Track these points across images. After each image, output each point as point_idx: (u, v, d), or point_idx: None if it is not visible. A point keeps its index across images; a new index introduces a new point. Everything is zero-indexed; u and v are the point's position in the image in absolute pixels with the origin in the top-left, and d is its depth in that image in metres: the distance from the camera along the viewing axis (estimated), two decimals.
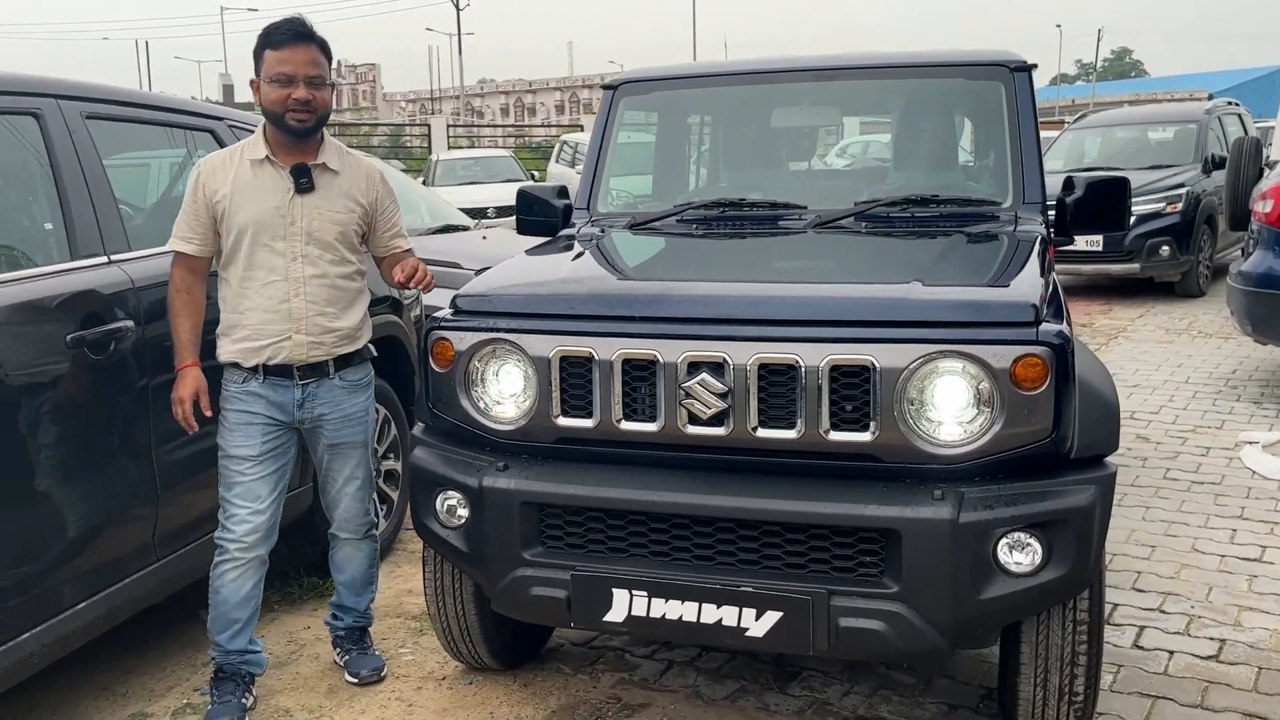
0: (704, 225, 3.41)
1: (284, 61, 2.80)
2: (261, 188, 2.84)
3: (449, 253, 5.94)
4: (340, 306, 2.94)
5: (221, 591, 2.91)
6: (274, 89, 2.80)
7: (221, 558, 2.90)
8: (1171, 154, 10.81)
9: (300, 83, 2.79)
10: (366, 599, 3.24)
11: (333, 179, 2.92)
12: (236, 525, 2.88)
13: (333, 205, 2.91)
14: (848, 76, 3.68)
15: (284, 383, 2.89)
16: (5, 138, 2.86)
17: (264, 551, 2.94)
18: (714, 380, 2.39)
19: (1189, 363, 7.33)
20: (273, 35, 2.82)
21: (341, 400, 2.99)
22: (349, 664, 3.19)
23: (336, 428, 2.99)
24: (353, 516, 3.13)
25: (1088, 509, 2.31)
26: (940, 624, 2.30)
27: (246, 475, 2.88)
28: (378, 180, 3.04)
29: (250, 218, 2.82)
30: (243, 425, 2.88)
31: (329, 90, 2.88)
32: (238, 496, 2.88)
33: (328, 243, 2.90)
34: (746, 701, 3.00)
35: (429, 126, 27.67)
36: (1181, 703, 2.92)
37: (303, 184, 2.85)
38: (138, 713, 3.02)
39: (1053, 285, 2.77)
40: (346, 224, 2.93)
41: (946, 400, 2.33)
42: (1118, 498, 4.55)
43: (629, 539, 2.50)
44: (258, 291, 2.84)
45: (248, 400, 2.88)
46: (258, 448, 2.88)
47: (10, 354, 2.57)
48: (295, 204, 2.85)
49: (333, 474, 3.07)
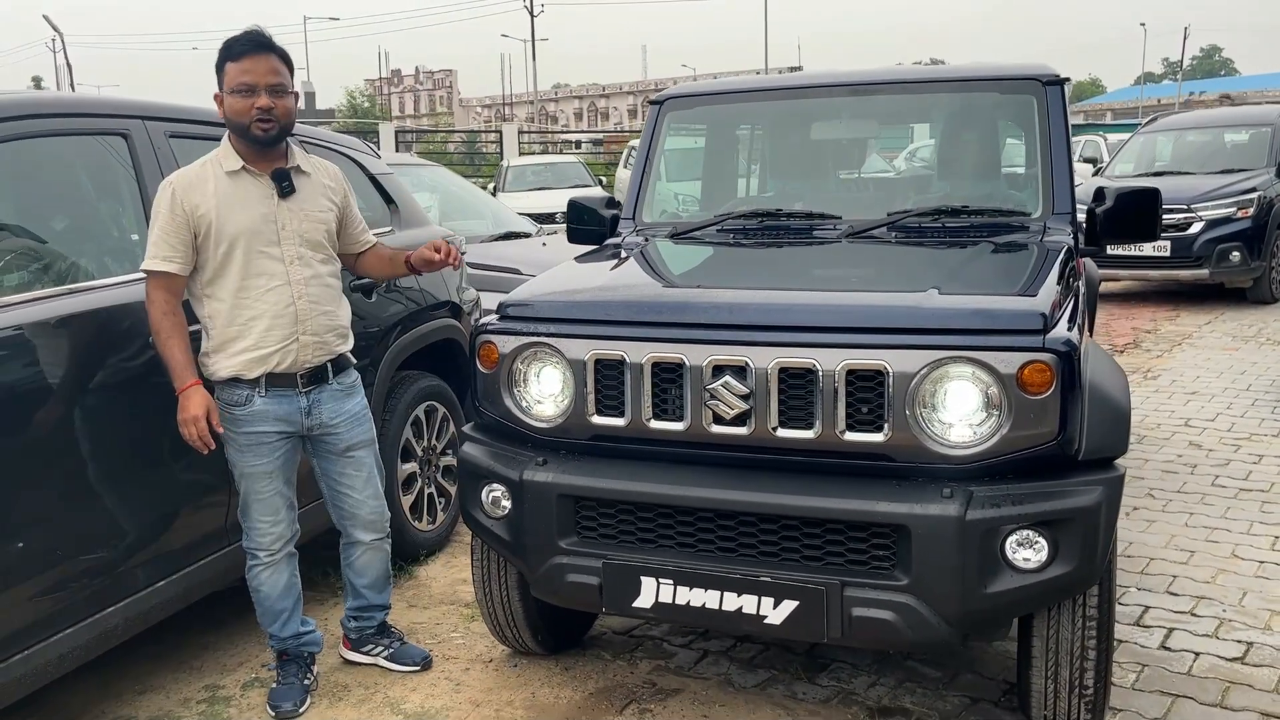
0: (742, 235, 3.57)
1: (245, 72, 2.84)
2: (246, 197, 2.88)
3: (509, 258, 6.19)
4: (334, 304, 3.04)
5: (261, 590, 3.08)
6: (237, 99, 2.84)
7: (253, 563, 3.05)
8: (1245, 158, 10.63)
9: (262, 91, 2.83)
10: (389, 592, 3.37)
11: (307, 180, 3.00)
12: (261, 537, 3.02)
13: (314, 205, 3.00)
14: (884, 91, 3.80)
15: (287, 393, 2.95)
16: (98, 155, 3.15)
17: (291, 547, 3.10)
18: (737, 383, 2.55)
19: (1252, 370, 7.24)
20: (233, 47, 2.86)
21: (344, 402, 3.08)
22: (397, 655, 3.31)
23: (349, 428, 3.09)
24: (378, 517, 3.22)
25: (1094, 509, 2.42)
26: (948, 615, 2.43)
27: (265, 492, 2.98)
28: (341, 178, 3.14)
29: (241, 227, 2.86)
30: (253, 446, 2.94)
31: (291, 99, 2.92)
32: (258, 512, 3.00)
33: (317, 242, 2.99)
34: (775, 690, 3.15)
35: (500, 133, 28.14)
36: (1201, 701, 2.99)
37: (285, 187, 2.92)
38: (211, 684, 3.28)
39: (1071, 293, 2.87)
40: (328, 221, 3.04)
41: (956, 403, 2.45)
42: (1162, 503, 4.62)
43: (657, 530, 2.67)
44: (260, 299, 2.88)
45: (254, 421, 2.93)
46: (273, 464, 2.98)
47: (101, 353, 2.85)
48: (281, 209, 2.91)
49: (350, 479, 3.13)
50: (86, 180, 3.18)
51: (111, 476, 2.86)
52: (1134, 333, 8.86)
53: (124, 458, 2.89)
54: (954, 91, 3.80)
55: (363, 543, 3.23)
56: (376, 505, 3.22)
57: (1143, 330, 8.97)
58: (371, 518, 3.21)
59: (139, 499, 2.94)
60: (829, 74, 4.03)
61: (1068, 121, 3.52)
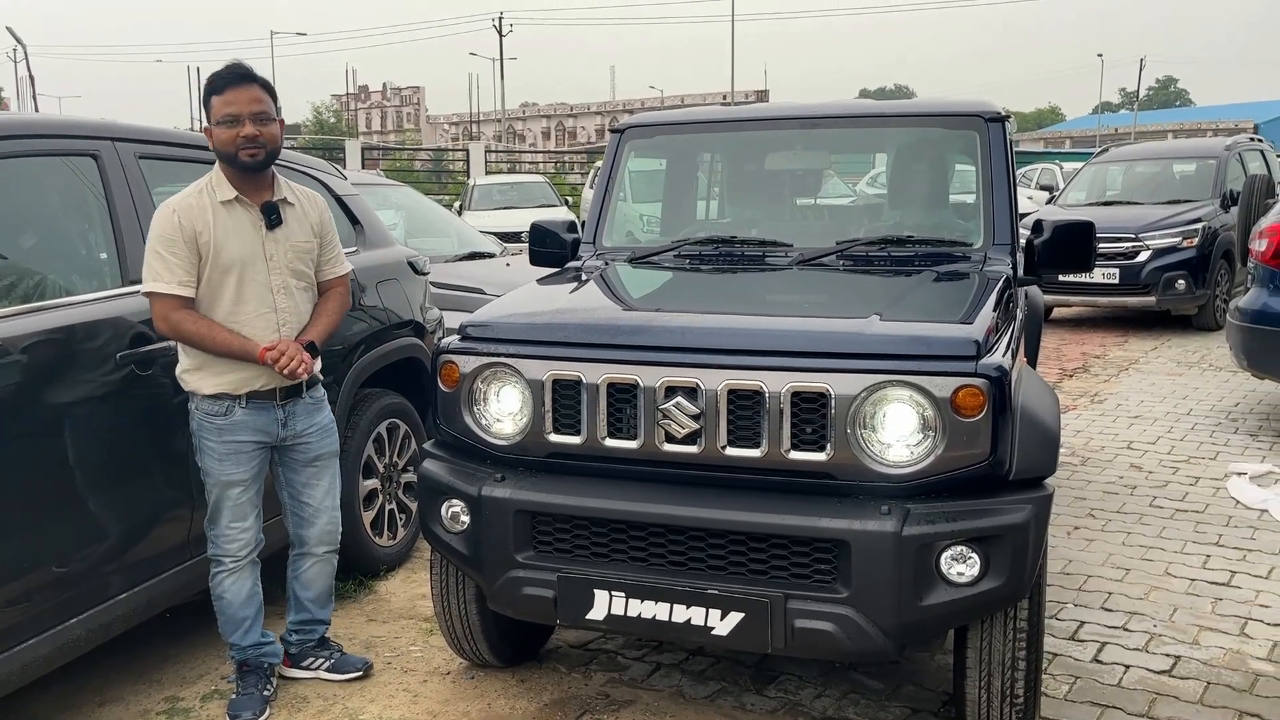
0: (698, 260, 3.70)
1: (229, 103, 2.97)
2: (240, 226, 3.02)
3: (473, 278, 6.29)
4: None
5: (225, 597, 3.15)
6: (223, 130, 2.97)
7: (217, 569, 3.14)
8: (1191, 189, 10.97)
9: (246, 120, 2.96)
10: (330, 608, 3.46)
11: (292, 211, 3.14)
12: (228, 543, 3.11)
13: (299, 235, 3.14)
14: (835, 125, 3.96)
15: (267, 405, 3.08)
16: (68, 176, 3.22)
17: (255, 556, 3.19)
18: (688, 403, 2.67)
19: (1194, 395, 7.48)
20: (216, 81, 3.00)
21: (315, 414, 3.22)
22: (337, 665, 3.39)
23: (319, 439, 3.23)
24: (333, 529, 3.34)
25: (1023, 526, 2.55)
26: (886, 627, 2.55)
27: (238, 500, 3.09)
28: (325, 208, 3.29)
29: (236, 256, 2.99)
30: (232, 454, 3.05)
31: (276, 125, 3.05)
32: (228, 519, 3.09)
33: (300, 271, 3.14)
34: (725, 701, 3.25)
35: (467, 151, 28.23)
36: (1129, 712, 3.13)
37: (273, 220, 3.06)
38: (171, 696, 3.33)
39: (1008, 320, 3.02)
40: (311, 250, 3.18)
41: (894, 425, 2.58)
42: (1101, 523, 4.79)
43: (611, 545, 2.77)
44: (249, 324, 3.01)
45: (234, 430, 3.05)
46: (248, 473, 3.09)
47: (69, 368, 2.91)
48: (269, 240, 3.06)
49: (314, 488, 3.26)
50: (56, 200, 3.24)
51: (75, 491, 2.91)
52: (1083, 358, 9.10)
53: (88, 473, 2.95)
54: (901, 126, 3.97)
55: (314, 555, 3.33)
56: (333, 517, 3.34)
57: (1092, 355, 9.22)
58: (328, 528, 3.33)
59: (103, 514, 3.00)
60: (783, 106, 4.19)
61: (1009, 156, 3.69)
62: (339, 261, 3.33)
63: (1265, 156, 11.78)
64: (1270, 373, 6.17)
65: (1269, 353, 6.00)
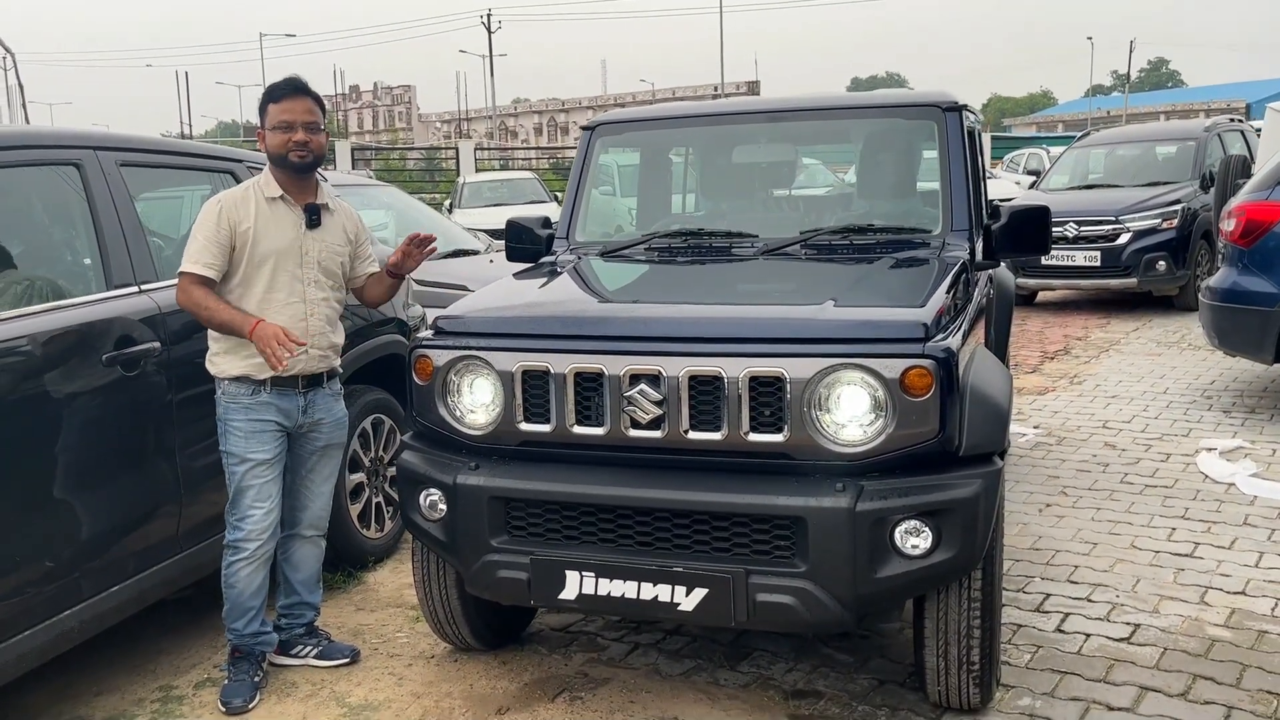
0: (667, 253, 3.81)
1: (285, 111, 3.25)
2: (281, 222, 3.27)
3: (458, 275, 6.39)
4: (335, 325, 3.41)
5: (237, 586, 3.28)
6: (277, 135, 3.25)
7: (236, 557, 3.26)
8: (1171, 171, 11.08)
9: (299, 128, 3.24)
10: (319, 594, 3.60)
11: (331, 217, 3.39)
12: (252, 525, 3.24)
13: (334, 239, 3.39)
14: (800, 118, 4.08)
15: (290, 392, 3.29)
16: (51, 184, 3.33)
17: (273, 547, 3.33)
18: (651, 390, 2.78)
19: (1171, 374, 7.60)
20: (274, 91, 3.29)
21: (333, 405, 3.44)
22: (325, 652, 3.52)
23: (332, 430, 3.44)
24: (324, 514, 3.52)
25: (973, 499, 2.67)
26: (843, 598, 2.67)
27: (262, 478, 3.25)
28: (359, 221, 3.54)
29: (273, 247, 3.23)
30: (257, 433, 3.24)
31: (323, 135, 3.33)
32: (253, 500, 3.23)
33: (331, 271, 3.37)
34: (699, 677, 3.37)
35: (457, 150, 28.32)
36: (1086, 677, 3.25)
37: (313, 220, 3.32)
38: (164, 685, 3.45)
39: (964, 303, 3.14)
40: (343, 255, 3.42)
41: (848, 406, 2.69)
42: (1073, 500, 4.91)
43: (581, 527, 2.89)
44: (279, 311, 3.21)
45: (260, 409, 3.24)
46: (271, 452, 3.27)
47: (56, 371, 3.02)
48: (307, 237, 3.30)
49: (316, 474, 3.45)
50: (41, 208, 3.35)
51: (68, 488, 3.03)
52: (1065, 340, 9.22)
53: (80, 470, 3.06)
54: (863, 118, 4.09)
55: (303, 536, 3.48)
56: (325, 504, 3.52)
57: (1074, 338, 9.34)
58: (319, 513, 3.50)
59: (95, 510, 3.11)
60: (750, 101, 4.31)
61: (965, 144, 3.80)
62: (373, 261, 3.56)
63: (1245, 137, 11.88)
64: (1240, 350, 6.29)
65: (1238, 331, 6.12)
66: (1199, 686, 3.18)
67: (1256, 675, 3.23)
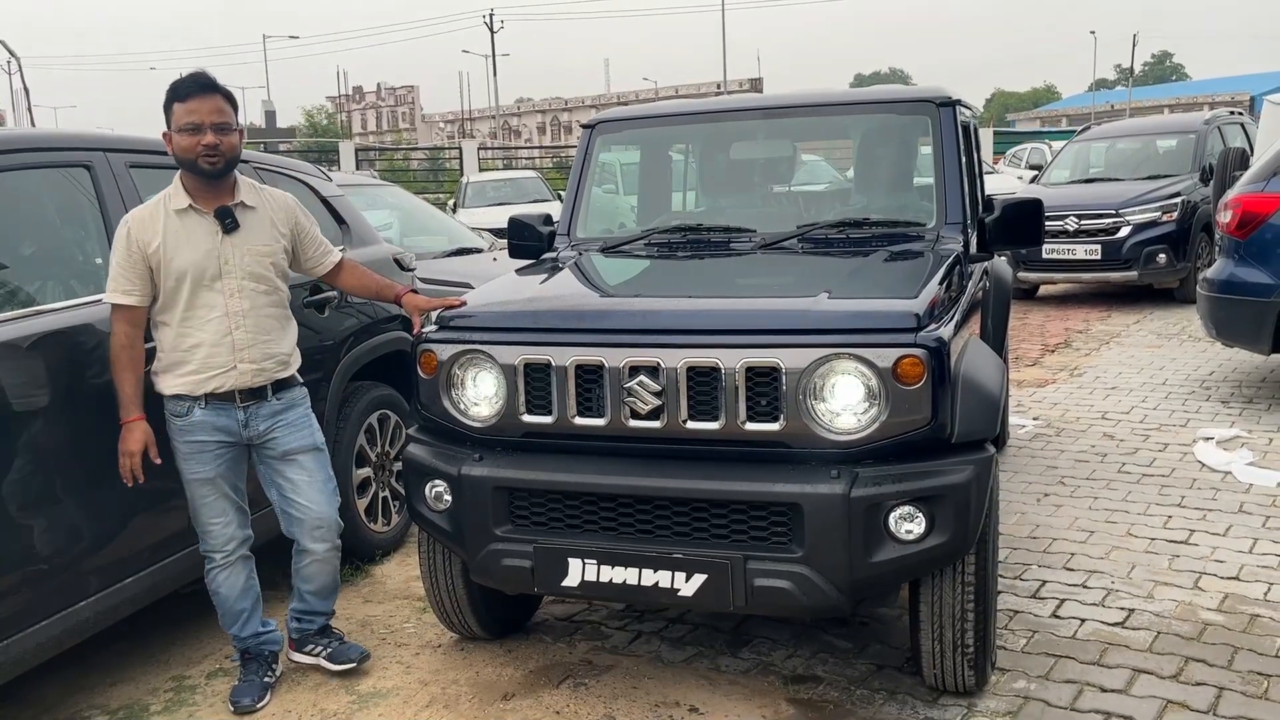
0: (666, 248, 3.88)
1: (191, 112, 3.02)
2: (192, 234, 3.06)
3: (461, 273, 6.46)
4: (275, 333, 3.21)
5: (220, 592, 3.29)
6: (184, 137, 3.02)
7: (210, 565, 3.24)
8: (1171, 164, 11.12)
9: (207, 129, 3.01)
10: (333, 600, 3.51)
11: (253, 214, 3.17)
12: (213, 539, 3.22)
13: (258, 239, 3.17)
14: (796, 114, 4.15)
15: (226, 407, 3.14)
16: (63, 186, 3.40)
17: (245, 549, 3.30)
18: (650, 381, 2.85)
19: (1170, 365, 7.65)
20: (179, 89, 3.05)
21: (282, 413, 3.24)
22: (335, 655, 3.44)
23: (286, 434, 3.24)
24: (325, 523, 3.32)
25: (965, 485, 2.74)
26: (839, 583, 2.73)
27: (208, 496, 3.17)
28: (293, 208, 3.32)
29: (187, 263, 3.04)
30: (195, 454, 3.14)
31: (236, 135, 3.10)
32: (206, 516, 3.19)
33: (260, 275, 3.15)
34: (701, 664, 3.44)
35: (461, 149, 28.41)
36: (1081, 660, 3.31)
37: (228, 224, 3.09)
38: (177, 675, 3.52)
39: (957, 294, 3.20)
40: (274, 254, 3.20)
41: (842, 395, 2.76)
42: (1070, 489, 4.97)
43: (583, 516, 2.96)
44: (200, 329, 3.07)
45: (194, 430, 3.12)
46: (211, 471, 3.16)
47: (68, 368, 3.10)
48: (225, 244, 3.09)
49: (292, 483, 3.27)
50: (52, 209, 3.43)
51: (82, 483, 3.10)
52: (1066, 333, 9.27)
53: (95, 464, 3.13)
54: (859, 114, 4.15)
55: (311, 552, 3.33)
56: (322, 511, 3.32)
57: (1075, 330, 9.39)
58: (317, 523, 3.31)
59: (109, 503, 3.18)
60: (748, 98, 4.39)
61: (959, 139, 3.86)
62: (327, 252, 3.41)
63: (1245, 130, 11.92)
64: (1237, 341, 6.34)
65: (1235, 321, 6.17)
66: (1191, 668, 3.23)
67: (1247, 657, 3.29)
